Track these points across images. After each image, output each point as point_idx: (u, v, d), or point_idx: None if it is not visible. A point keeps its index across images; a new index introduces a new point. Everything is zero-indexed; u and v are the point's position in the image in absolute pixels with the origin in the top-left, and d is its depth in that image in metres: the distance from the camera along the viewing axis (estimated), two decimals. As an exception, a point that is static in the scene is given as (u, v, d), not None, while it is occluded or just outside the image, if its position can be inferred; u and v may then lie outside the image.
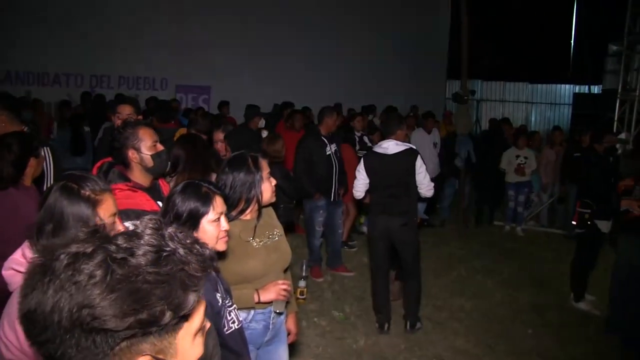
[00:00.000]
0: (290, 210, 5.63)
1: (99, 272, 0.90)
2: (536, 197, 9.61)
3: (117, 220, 2.09)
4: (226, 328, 2.25)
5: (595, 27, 16.46)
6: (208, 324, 1.12)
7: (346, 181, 6.40)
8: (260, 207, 2.78)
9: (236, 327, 2.31)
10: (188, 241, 1.01)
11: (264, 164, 2.79)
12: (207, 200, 2.24)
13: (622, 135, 9.46)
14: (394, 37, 15.40)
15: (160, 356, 0.96)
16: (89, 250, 0.93)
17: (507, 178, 9.02)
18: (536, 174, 9.22)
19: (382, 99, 12.05)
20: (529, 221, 9.70)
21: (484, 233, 9.12)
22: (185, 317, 0.98)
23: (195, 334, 1.04)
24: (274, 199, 2.85)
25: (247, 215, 2.76)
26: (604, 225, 5.81)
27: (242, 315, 2.75)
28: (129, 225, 2.05)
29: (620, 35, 10.16)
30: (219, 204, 2.27)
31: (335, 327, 5.35)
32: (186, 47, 13.06)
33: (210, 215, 2.23)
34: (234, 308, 2.31)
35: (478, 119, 20.27)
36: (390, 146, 5.07)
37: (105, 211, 2.02)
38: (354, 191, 5.37)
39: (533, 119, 21.19)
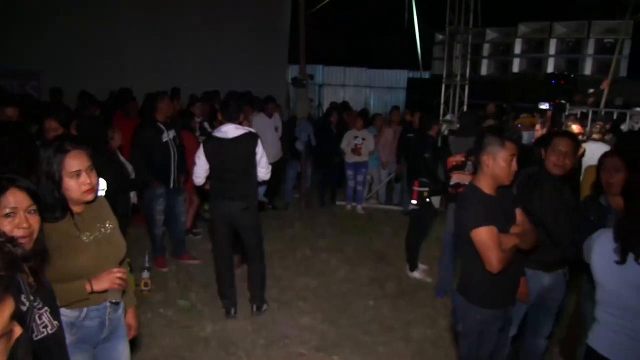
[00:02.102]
0: (128, 200, 5.39)
1: None
2: (371, 176, 10.05)
3: None
4: (36, 333, 2.02)
5: (427, 16, 17.52)
6: (18, 330, 1.01)
7: (187, 168, 6.27)
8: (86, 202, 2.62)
9: (49, 332, 2.07)
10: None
11: (70, 160, 2.54)
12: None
13: (448, 117, 10.23)
14: (235, 22, 15.28)
15: None
16: None
17: (346, 159, 9.35)
18: (376, 154, 9.65)
19: (224, 84, 11.92)
20: (370, 199, 10.16)
21: (327, 213, 9.40)
22: None
23: None
24: (89, 197, 2.62)
25: (76, 209, 2.60)
26: (436, 201, 6.29)
27: (75, 313, 2.60)
28: None
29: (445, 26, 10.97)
30: (10, 201, 2.09)
31: (181, 316, 5.26)
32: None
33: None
34: (46, 311, 2.06)
35: (320, 103, 20.87)
36: (230, 131, 5.03)
37: None
38: (194, 177, 5.28)
39: (372, 102, 22.21)
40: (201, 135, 7.59)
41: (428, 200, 6.16)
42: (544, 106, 10.89)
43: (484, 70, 17.18)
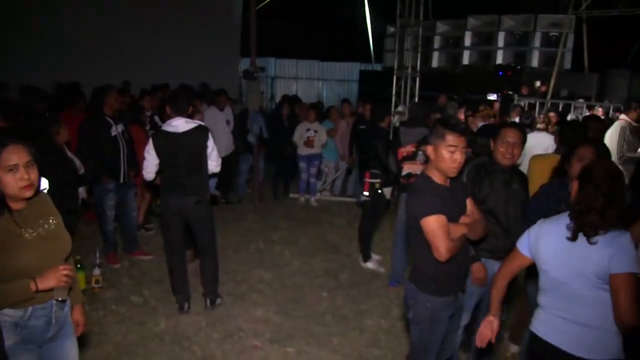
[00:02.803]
0: (76, 196, 5.27)
1: None
2: (325, 168, 10.10)
3: None
4: None
5: (378, 8, 17.65)
6: None
7: (137, 162, 6.17)
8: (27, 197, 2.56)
9: None
10: None
11: (7, 154, 2.46)
12: None
13: (400, 108, 10.35)
14: (186, 15, 15.07)
15: None
16: None
17: (298, 151, 9.35)
18: (329, 146, 9.68)
19: (176, 77, 11.75)
20: (324, 191, 10.20)
21: (281, 206, 9.40)
22: None
23: None
24: (27, 193, 2.53)
25: (15, 206, 2.54)
26: (388, 192, 6.37)
27: (19, 312, 2.54)
28: None
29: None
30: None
31: (134, 312, 5.19)
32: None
33: None
34: None
35: (273, 95, 20.82)
36: (180, 124, 4.98)
37: None
38: (144, 172, 5.20)
39: (325, 94, 22.26)
40: (151, 128, 7.48)
41: (380, 191, 6.23)
42: (492, 97, 11.12)
43: (434, 62, 17.43)
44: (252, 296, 5.66)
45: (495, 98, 10.87)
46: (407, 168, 5.69)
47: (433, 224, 3.03)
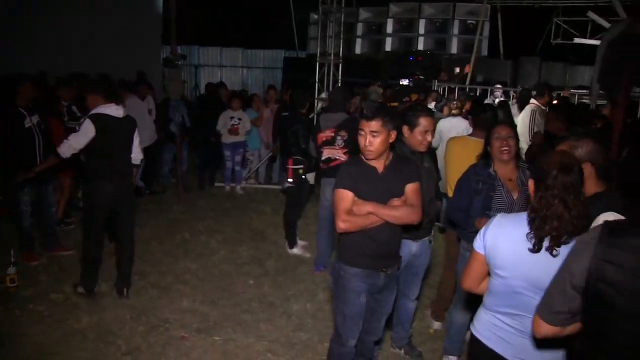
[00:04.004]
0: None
1: None
2: (250, 156, 10.07)
3: None
4: None
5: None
6: None
7: (55, 155, 5.94)
8: None
9: None
10: None
11: None
12: None
13: (323, 95, 10.43)
14: (106, 2, 14.55)
15: None
16: None
17: (223, 139, 9.29)
18: (253, 134, 9.65)
19: (95, 66, 11.35)
20: (249, 179, 10.19)
21: (206, 195, 9.33)
22: None
23: None
24: None
25: None
26: (311, 177, 6.45)
27: None
28: None
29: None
30: None
31: (55, 310, 5.02)
32: None
33: None
34: None
35: (197, 83, 20.51)
36: (119, 110, 5.03)
37: None
38: (62, 148, 4.97)
39: (250, 82, 22.13)
40: (69, 119, 7.23)
41: (303, 177, 6.30)
42: (404, 82, 11.39)
43: (357, 49, 17.66)
44: (178, 287, 5.60)
45: (408, 83, 11.14)
46: (327, 153, 5.79)
47: (337, 196, 3.25)
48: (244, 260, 6.43)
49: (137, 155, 5.24)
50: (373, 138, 3.19)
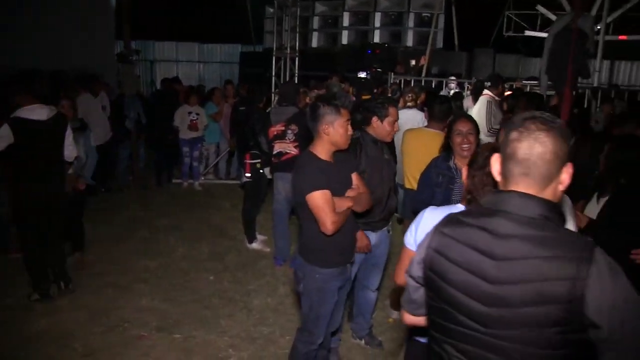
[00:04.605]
0: None
1: None
2: (206, 151, 10.00)
3: None
4: None
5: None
6: None
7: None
8: None
9: None
10: None
11: None
12: None
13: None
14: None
15: None
16: None
17: (180, 135, 9.20)
18: (210, 128, 9.58)
19: (47, 62, 11.04)
20: (208, 175, 10.11)
21: (164, 192, 9.23)
22: None
23: None
24: None
25: None
26: (268, 172, 6.45)
27: None
28: None
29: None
30: None
31: (9, 314, 4.90)
32: None
33: None
34: None
35: (153, 79, 20.20)
36: (44, 112, 4.84)
37: None
38: None
39: (206, 77, 21.92)
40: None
41: (261, 171, 6.30)
42: (363, 74, 11.47)
43: (314, 42, 17.67)
44: (137, 285, 5.54)
45: (366, 75, 11.22)
46: (278, 147, 5.82)
47: (318, 199, 3.15)
48: (203, 256, 6.39)
49: (70, 153, 5.16)
50: (350, 127, 3.30)
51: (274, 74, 10.31)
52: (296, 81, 10.04)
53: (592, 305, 1.46)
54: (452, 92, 10.29)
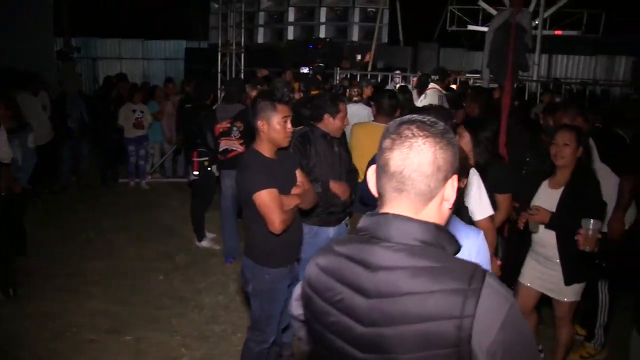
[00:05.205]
0: None
1: None
2: (151, 149, 9.86)
3: None
4: None
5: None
6: None
7: None
8: None
9: None
10: None
11: None
12: None
13: (227, 86, 10.33)
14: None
15: None
16: None
17: (126, 134, 9.05)
18: (154, 127, 9.45)
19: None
20: (155, 173, 9.98)
21: (110, 192, 9.08)
22: None
23: None
24: None
25: None
26: (215, 169, 6.42)
27: None
28: None
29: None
30: None
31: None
32: None
33: None
34: None
35: (96, 77, 19.73)
36: None
37: None
38: None
39: (151, 74, 21.54)
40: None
41: (209, 168, 6.28)
42: (305, 70, 11.51)
43: (260, 38, 17.60)
44: (86, 288, 5.44)
45: (308, 71, 11.26)
46: (224, 144, 5.81)
47: (265, 198, 3.11)
48: (153, 256, 6.33)
49: (4, 155, 5.07)
50: (290, 123, 3.28)
51: (219, 70, 10.22)
52: (242, 77, 9.99)
53: (480, 347, 1.23)
54: (397, 85, 10.43)
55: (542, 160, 4.01)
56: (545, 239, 3.58)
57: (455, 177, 1.37)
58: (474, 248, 2.26)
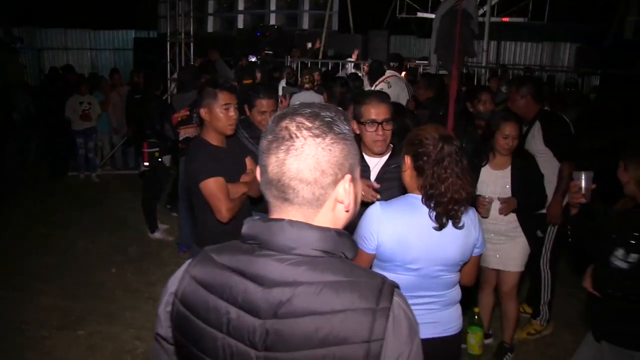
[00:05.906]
0: None
1: None
2: (99, 142, 9.68)
3: None
4: None
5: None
6: None
7: None
8: None
9: None
10: None
11: None
12: None
13: (175, 75, 10.21)
14: None
15: None
16: None
17: (73, 126, 8.87)
18: (102, 118, 9.29)
19: None
20: (105, 166, 9.81)
21: (60, 185, 8.88)
22: None
23: None
24: None
25: None
26: (167, 160, 6.38)
27: None
28: None
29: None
30: None
31: None
32: None
33: None
34: None
35: (41, 68, 19.18)
36: None
37: None
38: None
39: (99, 65, 21.06)
40: None
41: (160, 159, 6.23)
42: (252, 58, 11.48)
43: (210, 27, 17.45)
44: (36, 285, 5.32)
45: (255, 59, 11.24)
46: (184, 132, 5.76)
47: (212, 186, 3.07)
48: (105, 249, 6.25)
49: None
50: (235, 111, 3.19)
51: (169, 60, 10.07)
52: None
53: None
54: (348, 73, 10.50)
55: (475, 146, 4.16)
56: (497, 215, 3.74)
57: (348, 176, 1.19)
58: (473, 224, 2.43)
